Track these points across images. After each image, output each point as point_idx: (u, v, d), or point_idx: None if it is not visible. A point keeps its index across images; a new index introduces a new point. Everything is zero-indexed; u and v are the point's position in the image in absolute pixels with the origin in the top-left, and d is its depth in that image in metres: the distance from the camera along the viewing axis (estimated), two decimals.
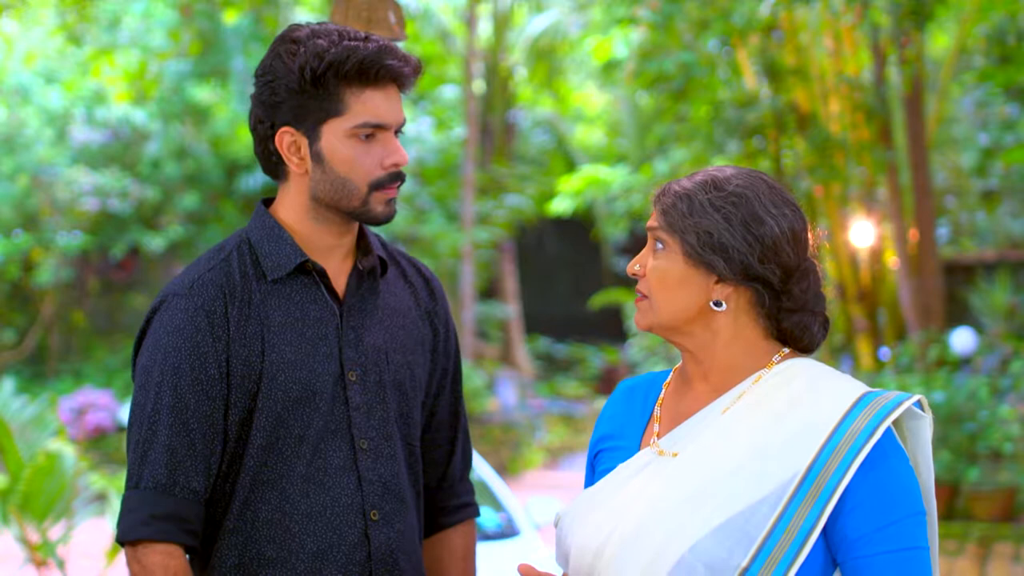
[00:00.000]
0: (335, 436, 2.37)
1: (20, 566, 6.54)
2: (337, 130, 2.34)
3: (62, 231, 15.56)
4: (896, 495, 1.98)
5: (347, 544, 2.36)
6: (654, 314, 2.10)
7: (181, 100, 16.16)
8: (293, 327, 2.37)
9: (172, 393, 2.31)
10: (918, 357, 10.09)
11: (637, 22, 11.33)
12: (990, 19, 10.43)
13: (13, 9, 10.70)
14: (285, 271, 2.38)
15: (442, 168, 17.30)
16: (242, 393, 2.34)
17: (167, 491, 2.29)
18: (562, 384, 19.54)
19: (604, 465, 2.17)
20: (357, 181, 2.36)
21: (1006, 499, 8.97)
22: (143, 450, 2.31)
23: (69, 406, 13.69)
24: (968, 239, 13.88)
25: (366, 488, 2.38)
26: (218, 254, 2.41)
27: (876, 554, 1.95)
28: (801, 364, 2.09)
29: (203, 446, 2.32)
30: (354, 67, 2.32)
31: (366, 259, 2.44)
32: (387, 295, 2.48)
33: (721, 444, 2.03)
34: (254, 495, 2.35)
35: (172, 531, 2.28)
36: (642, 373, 2.31)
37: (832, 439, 1.97)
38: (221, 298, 2.35)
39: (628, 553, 1.99)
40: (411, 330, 2.49)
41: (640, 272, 2.11)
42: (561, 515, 2.14)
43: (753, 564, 1.92)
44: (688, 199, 2.07)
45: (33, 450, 6.01)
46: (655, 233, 2.10)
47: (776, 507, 1.94)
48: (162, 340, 2.34)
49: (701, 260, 2.06)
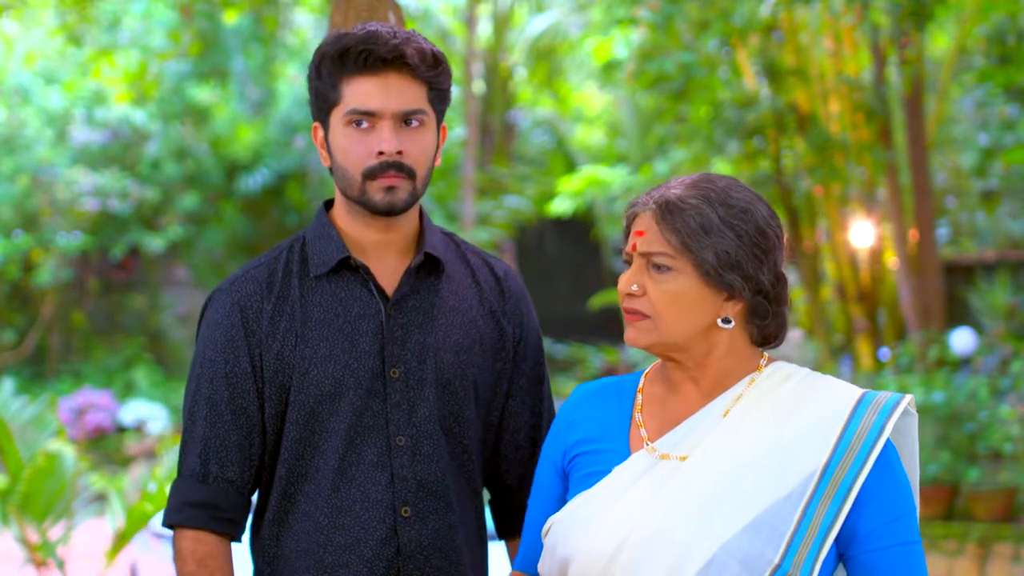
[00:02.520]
0: (370, 432, 2.39)
1: (20, 566, 6.54)
2: (336, 119, 2.38)
3: (62, 231, 15.56)
4: (900, 491, 2.04)
5: (375, 539, 2.37)
6: (658, 334, 2.07)
7: (181, 100, 16.16)
8: (332, 323, 2.40)
9: (209, 386, 2.39)
10: (918, 357, 10.09)
11: (637, 22, 11.32)
12: (990, 19, 10.42)
13: (13, 9, 10.70)
14: (327, 267, 2.41)
15: (442, 168, 17.30)
16: (275, 387, 2.39)
17: (201, 480, 2.37)
18: (562, 384, 19.54)
19: (589, 468, 2.15)
20: (352, 170, 2.38)
21: (1006, 499, 8.96)
22: (185, 439, 2.41)
23: (69, 406, 13.69)
24: (968, 239, 13.88)
25: (398, 485, 2.38)
26: (271, 252, 2.48)
27: (885, 548, 2.00)
28: (787, 366, 2.13)
29: (237, 438, 2.38)
30: (338, 55, 2.35)
31: (415, 257, 2.44)
32: (447, 293, 2.47)
33: (731, 444, 2.04)
34: (291, 487, 2.40)
35: (203, 518, 2.36)
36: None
37: (844, 436, 2.01)
38: (258, 294, 2.41)
39: (649, 556, 1.99)
40: (469, 329, 2.47)
41: (639, 292, 2.07)
42: (554, 522, 2.12)
43: (784, 560, 1.96)
44: (701, 216, 2.03)
45: (33, 450, 6.01)
46: (657, 258, 2.05)
47: (799, 503, 1.98)
48: (204, 334, 2.43)
49: (720, 280, 2.03)
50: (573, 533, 2.08)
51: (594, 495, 2.09)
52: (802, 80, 11.26)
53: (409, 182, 2.38)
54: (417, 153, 2.38)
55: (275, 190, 16.80)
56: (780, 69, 11.10)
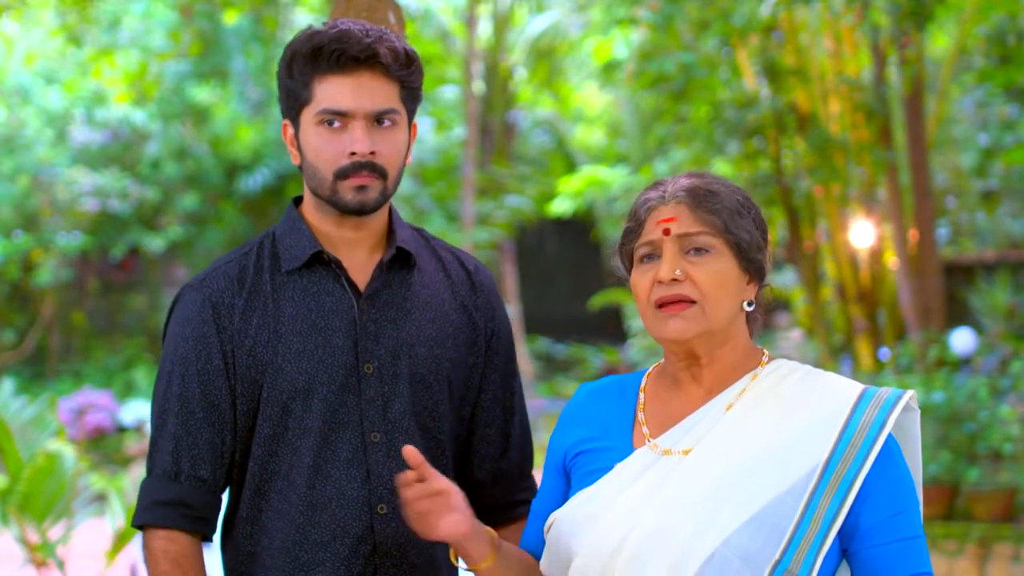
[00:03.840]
0: (345, 428, 2.37)
1: (20, 566, 6.54)
2: (307, 118, 2.36)
3: (62, 231, 15.57)
4: (902, 485, 2.05)
5: (351, 536, 2.36)
6: (707, 320, 2.08)
7: (181, 100, 16.17)
8: (305, 318, 2.38)
9: (180, 383, 2.36)
10: (918, 357, 10.08)
11: (637, 22, 11.32)
12: (990, 19, 10.41)
13: (13, 9, 10.70)
14: (299, 262, 2.39)
15: (442, 168, 17.32)
16: (248, 383, 2.36)
17: (173, 478, 2.34)
18: (562, 384, 19.52)
19: (592, 466, 2.15)
20: (323, 170, 2.36)
21: (1006, 499, 8.96)
22: (155, 437, 2.38)
23: (69, 406, 13.69)
24: (968, 239, 13.88)
25: (374, 482, 2.36)
26: (241, 248, 2.46)
27: (888, 543, 2.01)
28: (789, 362, 2.15)
29: (209, 435, 2.35)
30: (310, 53, 2.34)
31: (387, 252, 2.43)
32: (420, 288, 2.46)
33: (734, 439, 2.05)
34: (265, 485, 2.38)
35: (174, 517, 2.33)
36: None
37: (846, 431, 2.02)
38: (230, 290, 2.38)
39: (652, 551, 2.00)
40: (442, 323, 2.46)
41: (682, 277, 2.08)
42: (556, 519, 2.13)
43: (785, 556, 1.96)
44: (735, 200, 2.09)
45: (33, 450, 6.02)
46: (700, 239, 2.07)
47: (801, 498, 1.98)
48: (174, 331, 2.40)
49: (751, 261, 2.09)
50: (575, 530, 2.08)
51: (596, 492, 2.10)
52: (802, 80, 11.26)
53: (380, 182, 2.37)
54: (390, 153, 2.37)
55: (275, 190, 16.81)
56: (780, 69, 11.10)
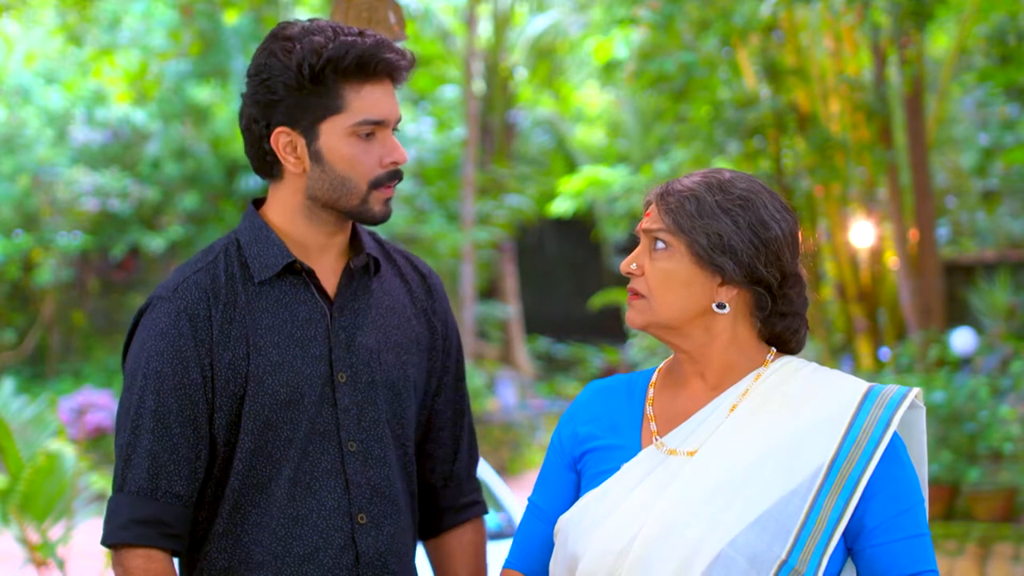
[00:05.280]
0: (323, 439, 2.34)
1: (20, 566, 6.54)
2: (337, 128, 2.31)
3: (62, 231, 15.57)
4: (907, 483, 2.05)
5: (334, 548, 2.34)
6: (652, 313, 2.11)
7: (181, 100, 16.16)
8: (281, 329, 2.34)
9: (155, 397, 2.29)
10: (918, 357, 10.08)
11: (637, 22, 11.32)
12: (990, 19, 10.42)
13: (13, 9, 10.70)
14: (272, 272, 2.34)
15: (442, 168, 17.31)
16: (227, 397, 2.31)
17: (150, 495, 2.28)
18: (562, 384, 19.53)
19: (602, 466, 2.16)
20: (357, 180, 2.32)
21: (1006, 499, 8.96)
22: (127, 454, 2.30)
23: (69, 406, 13.66)
24: (968, 239, 13.88)
25: (353, 491, 2.35)
26: (206, 256, 2.38)
27: (893, 541, 2.01)
28: (795, 361, 2.15)
29: (187, 451, 2.30)
30: (353, 62, 2.29)
31: (357, 258, 2.40)
32: (381, 294, 2.44)
33: (739, 440, 2.06)
34: (243, 499, 2.33)
35: (152, 535, 2.27)
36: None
37: (851, 431, 2.03)
38: (205, 301, 2.32)
39: (659, 552, 2.01)
40: (405, 329, 2.45)
41: (637, 271, 2.12)
42: (566, 521, 2.14)
43: (791, 556, 1.97)
44: (696, 200, 2.09)
45: (33, 450, 6.01)
46: (657, 234, 2.11)
47: (807, 498, 1.99)
48: (147, 344, 2.32)
49: (710, 262, 2.08)
50: (583, 531, 2.09)
51: (604, 492, 2.11)
52: (802, 80, 11.26)
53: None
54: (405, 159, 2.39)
55: None
56: (780, 69, 11.11)
